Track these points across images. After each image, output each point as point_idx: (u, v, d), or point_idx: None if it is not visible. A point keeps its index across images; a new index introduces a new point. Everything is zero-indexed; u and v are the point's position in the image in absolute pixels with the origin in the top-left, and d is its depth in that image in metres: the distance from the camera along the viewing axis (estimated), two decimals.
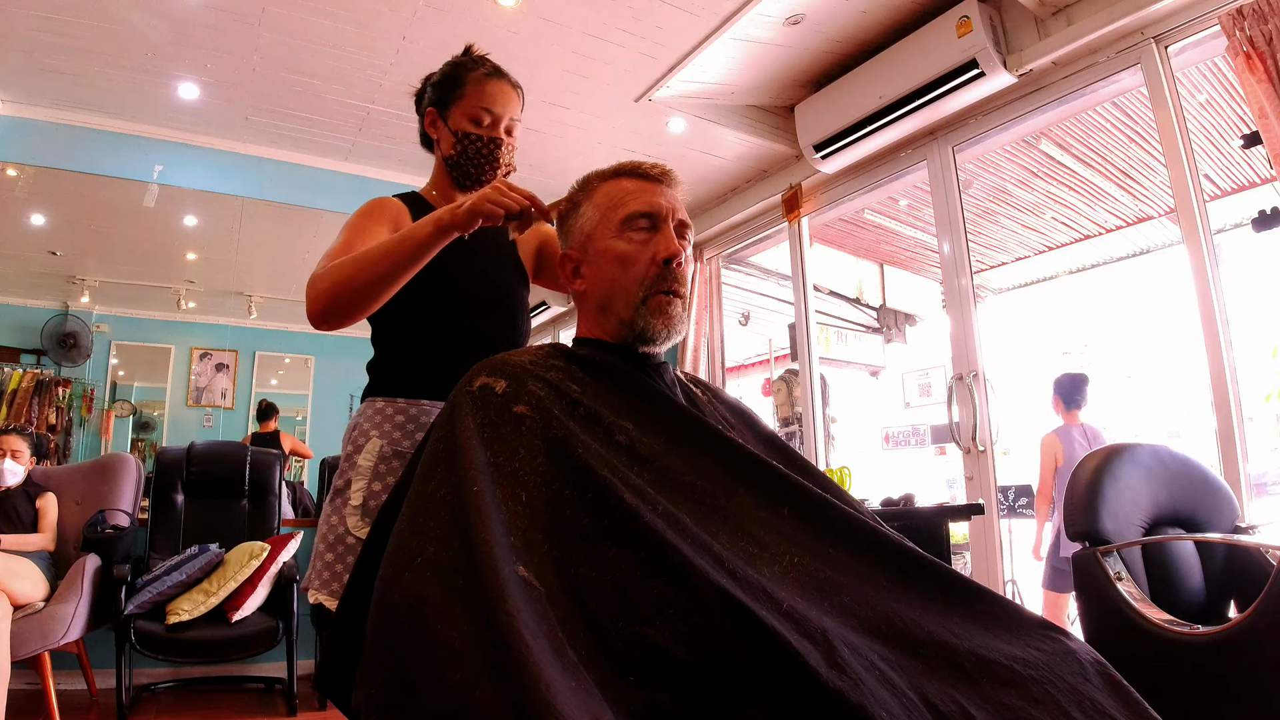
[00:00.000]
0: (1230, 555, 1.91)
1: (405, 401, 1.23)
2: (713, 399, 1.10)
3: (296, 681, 2.93)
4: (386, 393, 1.25)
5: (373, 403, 1.24)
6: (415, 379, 1.24)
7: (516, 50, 2.87)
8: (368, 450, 1.19)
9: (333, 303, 1.08)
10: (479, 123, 1.29)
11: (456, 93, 1.30)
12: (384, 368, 1.28)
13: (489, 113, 1.29)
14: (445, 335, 1.25)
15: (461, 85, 1.30)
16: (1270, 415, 4.98)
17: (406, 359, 1.26)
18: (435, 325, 1.25)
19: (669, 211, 1.01)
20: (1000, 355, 5.93)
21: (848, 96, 3.12)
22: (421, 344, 1.25)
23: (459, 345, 1.25)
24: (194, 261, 4.57)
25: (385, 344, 1.29)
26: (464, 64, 1.32)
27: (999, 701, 0.71)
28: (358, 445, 1.21)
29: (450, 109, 1.31)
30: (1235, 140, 3.59)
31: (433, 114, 1.33)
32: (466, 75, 1.31)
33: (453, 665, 0.62)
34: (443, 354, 1.25)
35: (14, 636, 2.35)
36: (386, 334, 1.28)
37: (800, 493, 0.90)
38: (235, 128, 3.46)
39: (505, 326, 1.33)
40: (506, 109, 1.31)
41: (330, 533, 1.18)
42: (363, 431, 1.22)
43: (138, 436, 4.56)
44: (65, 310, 4.30)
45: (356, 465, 1.20)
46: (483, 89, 1.29)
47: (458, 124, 1.29)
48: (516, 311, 1.36)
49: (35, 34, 2.75)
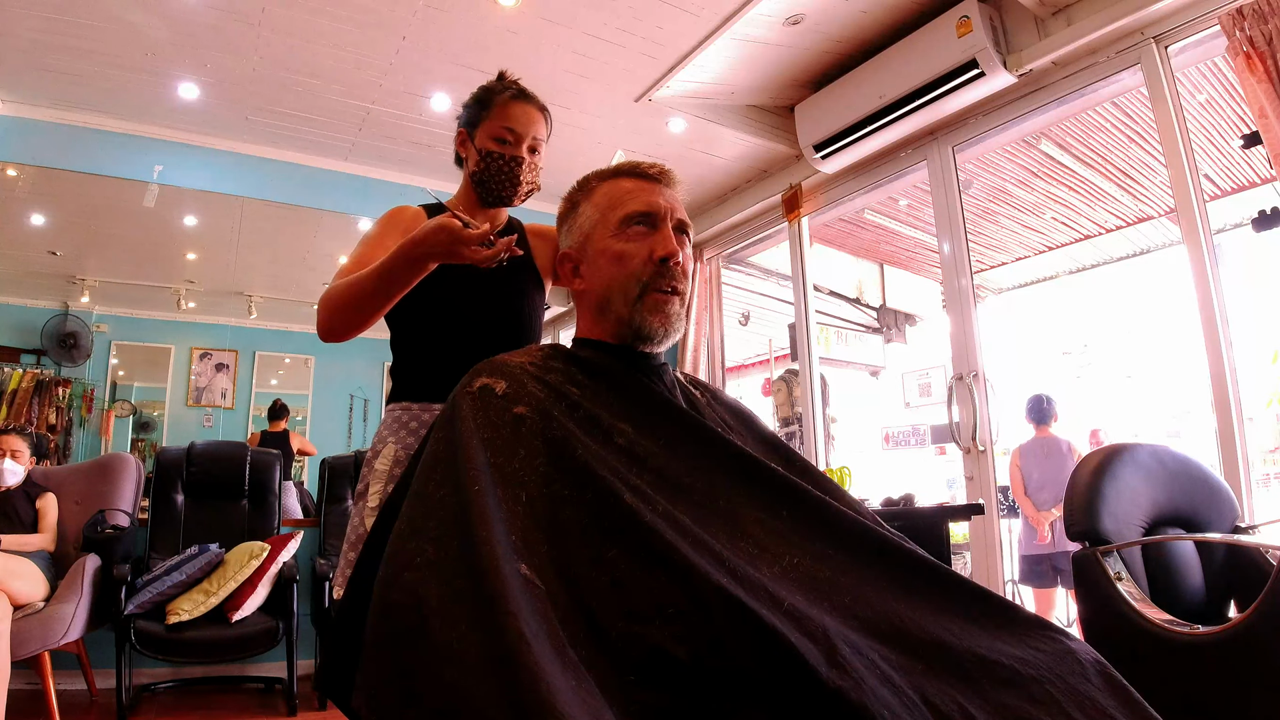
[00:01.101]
0: (1230, 555, 1.91)
1: (419, 407, 1.31)
2: (712, 401, 1.10)
3: (296, 681, 2.93)
4: (404, 398, 1.33)
5: (392, 410, 1.33)
6: (427, 384, 1.31)
7: (516, 50, 2.87)
8: (384, 455, 1.28)
9: (330, 324, 1.21)
10: (503, 141, 1.35)
11: (484, 114, 1.37)
12: (401, 374, 1.36)
13: (512, 132, 1.35)
14: (457, 339, 1.33)
15: (489, 107, 1.37)
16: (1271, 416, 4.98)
17: (420, 365, 1.34)
18: (447, 330, 1.33)
19: (667, 211, 1.02)
20: (1000, 355, 5.93)
21: (848, 96, 3.12)
22: (434, 349, 1.33)
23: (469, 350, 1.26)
24: (194, 261, 4.57)
25: (401, 351, 1.37)
26: (493, 88, 1.39)
27: (999, 702, 0.71)
28: (376, 450, 1.30)
29: (477, 129, 1.37)
30: (1235, 140, 3.59)
31: (462, 134, 1.41)
32: (494, 98, 1.37)
33: (453, 665, 0.62)
34: (453, 359, 1.27)
35: (14, 636, 2.35)
36: (402, 341, 1.36)
37: (799, 494, 0.90)
38: (235, 128, 3.46)
39: (517, 330, 1.39)
40: (529, 129, 1.36)
41: (352, 533, 1.27)
42: (381, 438, 1.31)
43: (138, 436, 4.56)
44: (65, 310, 4.30)
45: (374, 469, 1.28)
46: (507, 110, 1.36)
47: (483, 143, 1.36)
48: (525, 326, 1.42)
49: (35, 34, 2.75)
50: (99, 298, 4.41)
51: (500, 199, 1.38)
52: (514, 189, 1.37)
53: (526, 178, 1.38)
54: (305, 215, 3.81)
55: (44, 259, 4.28)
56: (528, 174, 1.38)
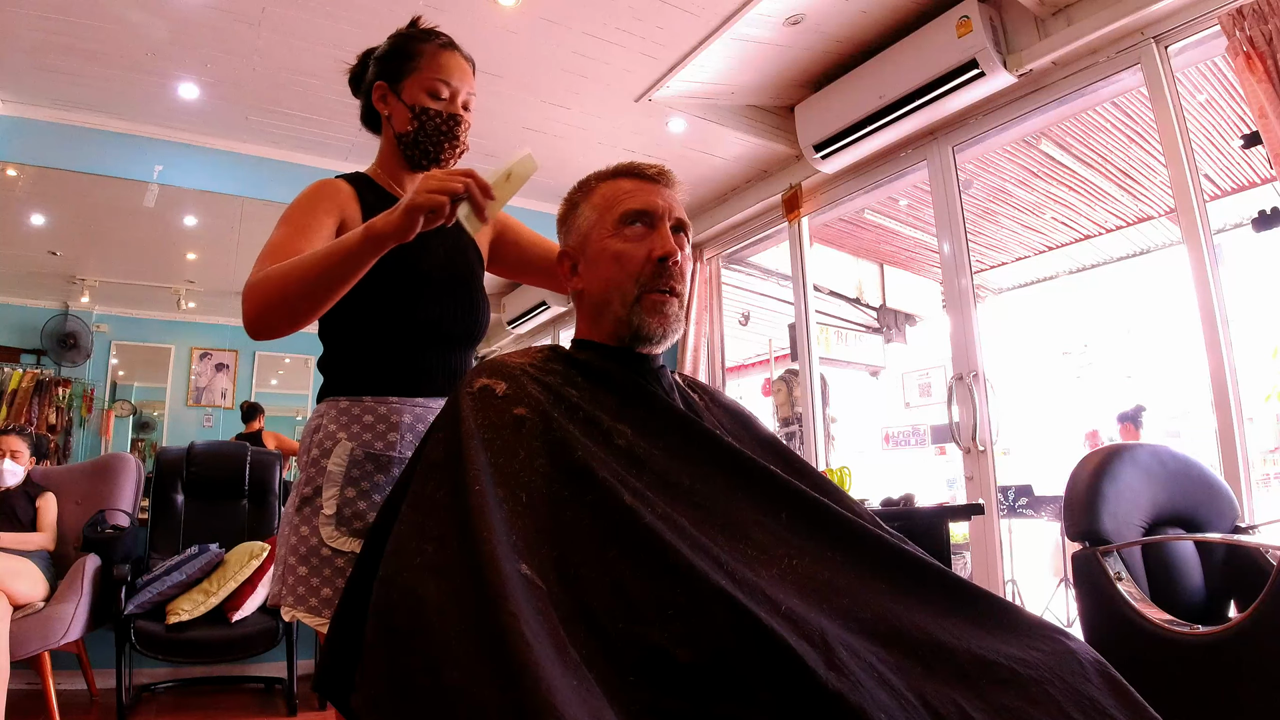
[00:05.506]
0: (1230, 555, 1.91)
1: (373, 400, 1.14)
2: (710, 403, 1.10)
3: (296, 681, 2.93)
4: (350, 391, 1.16)
5: (335, 402, 1.15)
6: (380, 375, 1.16)
7: (516, 50, 2.87)
8: (337, 454, 1.11)
9: (263, 319, 1.01)
10: (436, 96, 1.20)
11: (409, 65, 1.21)
12: (343, 364, 1.18)
13: (447, 85, 1.20)
14: (404, 326, 1.17)
15: (414, 57, 1.21)
16: (1270, 415, 4.98)
17: (367, 354, 1.17)
18: (392, 315, 1.16)
19: (665, 211, 1.01)
20: (1000, 355, 5.93)
21: (848, 96, 3.12)
22: (380, 336, 1.16)
23: (419, 336, 1.19)
24: (194, 261, 4.57)
25: (339, 338, 1.19)
26: (414, 35, 1.24)
27: (999, 702, 0.71)
28: (324, 449, 1.12)
29: (403, 82, 1.21)
30: (1235, 140, 3.59)
31: (382, 88, 1.23)
32: (418, 47, 1.22)
33: (453, 666, 0.62)
34: (405, 346, 1.18)
35: (14, 636, 2.35)
36: (339, 327, 1.18)
37: (797, 496, 0.90)
38: (235, 128, 3.46)
39: (465, 311, 1.23)
40: (464, 83, 1.22)
41: (301, 544, 1.09)
42: (328, 434, 1.13)
43: (138, 436, 4.55)
44: (65, 310, 4.30)
45: (326, 471, 1.11)
46: (438, 60, 1.21)
47: (414, 98, 1.20)
48: (475, 295, 1.26)
49: (35, 34, 2.75)
50: (99, 298, 4.40)
51: (436, 161, 1.23)
52: (452, 149, 1.22)
53: (464, 138, 1.24)
54: None
55: (44, 259, 4.28)
56: (465, 132, 1.23)
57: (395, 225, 0.94)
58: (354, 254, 0.97)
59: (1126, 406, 4.29)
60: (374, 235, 0.95)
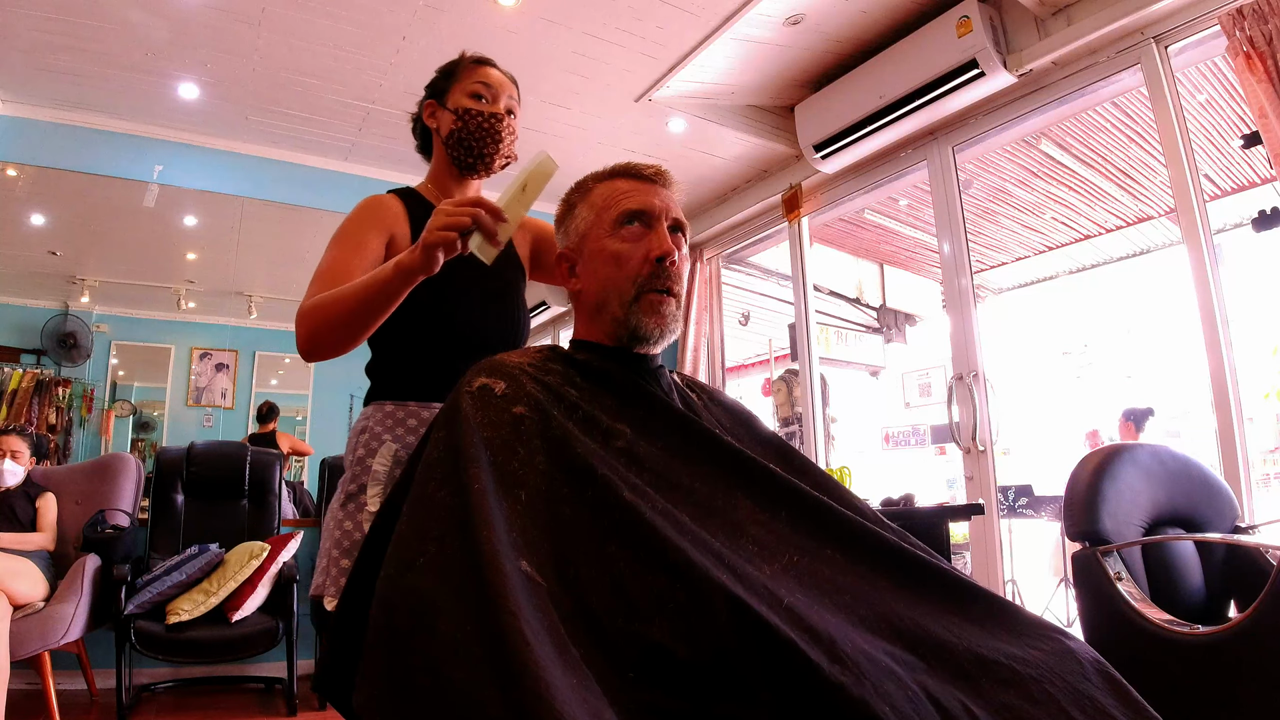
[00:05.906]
0: (1230, 555, 1.91)
1: (417, 405, 1.22)
2: (709, 402, 1.10)
3: (296, 681, 2.93)
4: (395, 396, 1.23)
5: (381, 406, 1.23)
6: (423, 381, 1.23)
7: (516, 50, 2.87)
8: (382, 454, 1.18)
9: (314, 345, 1.11)
10: (478, 98, 1.29)
11: (452, 79, 1.32)
12: (388, 370, 1.26)
13: (487, 87, 1.30)
14: (444, 335, 1.24)
15: (456, 74, 1.32)
16: (1270, 415, 4.98)
17: (410, 361, 1.24)
18: (433, 325, 1.23)
19: (663, 211, 1.02)
20: (1000, 355, 5.93)
21: (848, 96, 3.12)
22: (422, 345, 1.24)
23: (459, 344, 1.24)
24: (194, 261, 4.57)
25: (385, 345, 1.26)
26: (457, 60, 1.35)
27: (999, 701, 0.71)
28: (370, 449, 1.19)
29: (448, 95, 1.32)
30: (1235, 140, 3.59)
31: (431, 105, 1.34)
32: (459, 66, 1.33)
33: (454, 665, 0.62)
34: (445, 354, 1.24)
35: (14, 636, 2.35)
36: (385, 335, 1.23)
37: (798, 494, 0.90)
38: (235, 128, 3.46)
39: (504, 322, 1.32)
40: (504, 88, 1.32)
41: (345, 538, 1.16)
42: (374, 435, 1.20)
43: (138, 436, 4.55)
44: (65, 310, 4.29)
45: (371, 470, 1.17)
46: (478, 70, 1.31)
47: (457, 103, 1.30)
48: (515, 305, 1.34)
49: (35, 34, 2.75)
50: (99, 298, 4.40)
51: (481, 158, 1.30)
52: (495, 147, 1.29)
53: (508, 138, 1.31)
54: (305, 215, 3.81)
55: (44, 259, 4.28)
56: (508, 135, 1.31)
57: (418, 263, 1.01)
58: (388, 288, 1.05)
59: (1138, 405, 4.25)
60: (402, 271, 1.03)
